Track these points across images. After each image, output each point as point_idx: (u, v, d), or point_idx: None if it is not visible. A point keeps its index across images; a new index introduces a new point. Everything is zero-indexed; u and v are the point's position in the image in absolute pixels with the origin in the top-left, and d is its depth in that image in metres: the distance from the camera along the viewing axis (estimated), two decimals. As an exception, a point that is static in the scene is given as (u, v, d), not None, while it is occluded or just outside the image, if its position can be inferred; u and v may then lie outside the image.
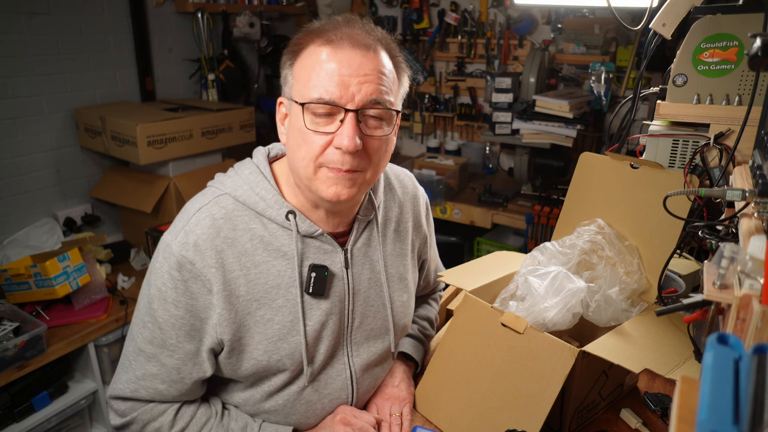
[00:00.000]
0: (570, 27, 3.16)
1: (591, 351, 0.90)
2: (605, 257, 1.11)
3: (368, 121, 0.88)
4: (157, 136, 2.33)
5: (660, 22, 1.12)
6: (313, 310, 0.97)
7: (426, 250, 1.24)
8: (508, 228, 3.16)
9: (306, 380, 0.99)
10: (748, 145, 0.97)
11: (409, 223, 1.15)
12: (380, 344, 1.08)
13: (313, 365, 0.99)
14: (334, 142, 0.86)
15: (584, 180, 1.23)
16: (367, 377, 1.08)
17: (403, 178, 1.19)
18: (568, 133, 2.79)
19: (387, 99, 0.88)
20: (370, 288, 1.04)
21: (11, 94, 2.30)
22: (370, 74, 0.86)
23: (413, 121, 3.70)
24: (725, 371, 0.37)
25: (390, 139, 0.94)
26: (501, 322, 1.00)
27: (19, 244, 2.31)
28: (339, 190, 0.89)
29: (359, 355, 1.05)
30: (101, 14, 2.59)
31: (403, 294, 1.11)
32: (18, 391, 1.92)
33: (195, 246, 0.89)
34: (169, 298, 0.90)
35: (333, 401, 1.04)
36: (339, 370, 1.03)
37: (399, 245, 1.12)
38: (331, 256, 0.99)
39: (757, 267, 0.55)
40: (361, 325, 1.04)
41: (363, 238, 1.04)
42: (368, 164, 0.90)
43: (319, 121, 0.87)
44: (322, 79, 0.85)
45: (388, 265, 1.07)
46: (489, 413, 1.01)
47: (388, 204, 1.11)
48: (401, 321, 1.11)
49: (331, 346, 1.00)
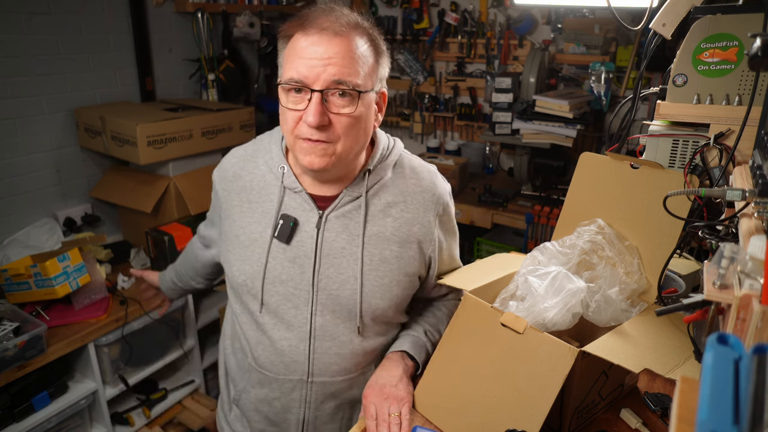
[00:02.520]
0: (570, 27, 3.16)
1: (591, 351, 0.90)
2: (605, 257, 1.11)
3: (334, 100, 0.99)
4: (157, 136, 2.33)
5: (660, 22, 1.12)
6: (278, 253, 1.11)
7: (434, 249, 1.18)
8: (508, 228, 3.16)
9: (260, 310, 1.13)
10: (748, 145, 0.97)
11: (410, 215, 1.14)
12: (347, 314, 1.12)
13: (270, 301, 1.12)
14: (303, 118, 0.99)
15: (584, 180, 1.23)
16: (329, 340, 1.13)
17: (420, 172, 1.19)
18: (568, 133, 2.79)
19: (351, 80, 0.97)
20: (342, 257, 1.10)
21: (11, 94, 2.30)
22: (334, 57, 0.96)
23: (413, 121, 3.70)
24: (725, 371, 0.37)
25: (361, 116, 1.02)
26: (501, 322, 1.00)
27: (19, 244, 2.31)
28: (312, 159, 1.01)
29: (323, 316, 1.12)
30: (101, 14, 2.59)
31: (383, 277, 1.12)
32: (18, 391, 1.92)
33: (220, 170, 1.22)
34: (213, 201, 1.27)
35: (292, 348, 1.13)
36: (300, 321, 1.12)
37: (391, 231, 1.12)
38: (308, 214, 1.11)
39: (757, 267, 0.55)
40: (326, 288, 1.11)
41: (346, 209, 1.11)
42: (337, 138, 1.01)
43: (292, 99, 1.00)
44: (294, 63, 0.98)
45: (369, 244, 1.11)
46: (489, 413, 1.01)
47: (390, 188, 1.14)
48: (374, 302, 1.12)
49: (290, 293, 1.11)
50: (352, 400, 1.20)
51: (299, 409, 1.18)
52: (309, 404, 1.17)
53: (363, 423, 1.10)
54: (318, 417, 1.19)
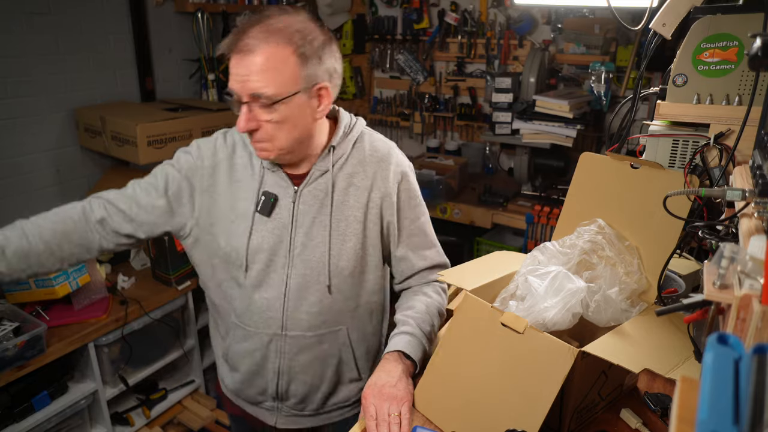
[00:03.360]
0: (570, 27, 3.16)
1: (590, 351, 0.90)
2: (605, 257, 1.11)
3: (257, 109, 1.12)
4: (157, 136, 2.33)
5: (660, 22, 1.12)
6: (259, 225, 1.24)
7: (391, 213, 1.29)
8: (508, 228, 3.16)
9: (244, 277, 1.25)
10: (748, 145, 0.97)
11: (368, 182, 1.27)
12: (316, 276, 1.25)
13: (252, 267, 1.25)
14: None
15: (584, 180, 1.23)
16: (300, 300, 1.26)
17: (376, 143, 1.31)
18: (568, 133, 2.79)
19: (263, 92, 1.09)
20: (313, 226, 1.24)
21: (11, 94, 2.31)
22: (248, 74, 1.09)
23: (413, 121, 3.70)
24: (725, 371, 0.37)
25: (287, 118, 1.13)
26: (501, 321, 1.00)
27: (19, 244, 2.31)
28: (261, 154, 1.18)
29: (296, 278, 1.25)
30: (101, 14, 2.59)
31: (347, 241, 1.25)
32: (18, 391, 1.92)
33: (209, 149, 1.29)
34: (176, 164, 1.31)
35: (269, 303, 1.26)
36: (277, 283, 1.25)
37: (353, 199, 1.26)
38: (285, 190, 1.24)
39: (757, 267, 0.55)
40: (300, 254, 1.24)
41: (317, 184, 1.24)
42: (269, 138, 1.14)
43: (235, 106, 1.14)
44: (229, 78, 1.13)
45: (336, 212, 1.25)
46: (488, 412, 1.01)
47: (351, 160, 1.27)
48: (341, 263, 1.25)
49: (269, 258, 1.24)
50: (324, 354, 1.31)
51: (275, 359, 1.30)
52: (284, 355, 1.29)
53: (363, 423, 1.11)
54: (292, 367, 1.30)
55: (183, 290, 2.39)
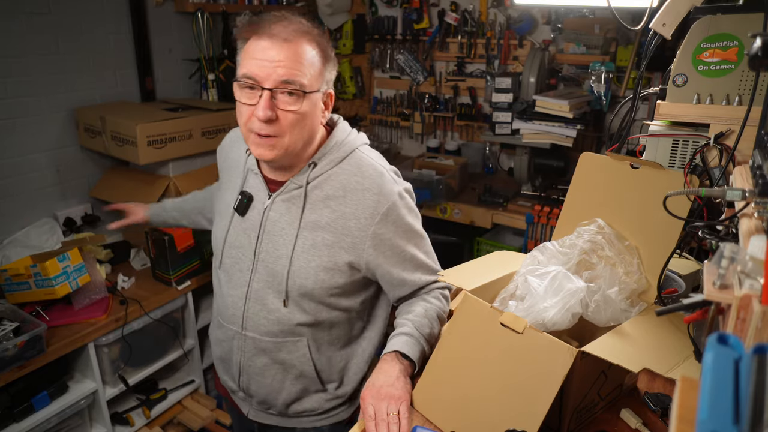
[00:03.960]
0: (570, 27, 3.16)
1: (590, 351, 0.90)
2: (605, 257, 1.11)
3: (282, 98, 1.10)
4: (157, 136, 2.33)
5: (660, 22, 1.12)
6: (237, 223, 1.30)
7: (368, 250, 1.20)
8: (508, 228, 3.16)
9: (219, 268, 1.34)
10: (748, 145, 0.97)
11: (347, 209, 1.19)
12: (275, 285, 1.25)
13: (225, 261, 1.32)
14: (254, 112, 1.10)
15: (584, 180, 1.23)
16: (259, 303, 1.27)
17: (366, 170, 1.21)
18: (568, 133, 2.79)
19: (298, 80, 1.09)
20: (279, 236, 1.24)
21: (11, 94, 2.30)
22: (284, 60, 1.08)
23: (413, 121, 3.70)
24: (725, 371, 0.37)
25: (306, 114, 1.13)
26: (500, 321, 1.00)
27: (19, 244, 2.31)
28: (262, 152, 1.14)
29: (258, 282, 1.27)
30: (101, 14, 2.59)
31: (310, 261, 1.21)
32: (18, 391, 1.92)
33: (220, 148, 1.47)
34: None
35: (234, 303, 1.30)
36: (241, 282, 1.29)
37: (326, 220, 1.21)
38: (261, 194, 1.27)
39: (757, 267, 0.55)
40: (264, 260, 1.25)
41: (290, 195, 1.23)
42: (284, 132, 1.12)
43: (245, 95, 1.12)
44: (248, 63, 1.11)
45: (305, 229, 1.22)
46: (488, 412, 1.01)
47: (331, 180, 1.22)
48: (299, 281, 1.22)
49: (239, 257, 1.29)
50: (282, 362, 1.30)
51: (237, 355, 1.33)
52: (244, 353, 1.32)
53: (362, 424, 1.10)
54: (251, 367, 1.32)
55: (183, 290, 2.39)
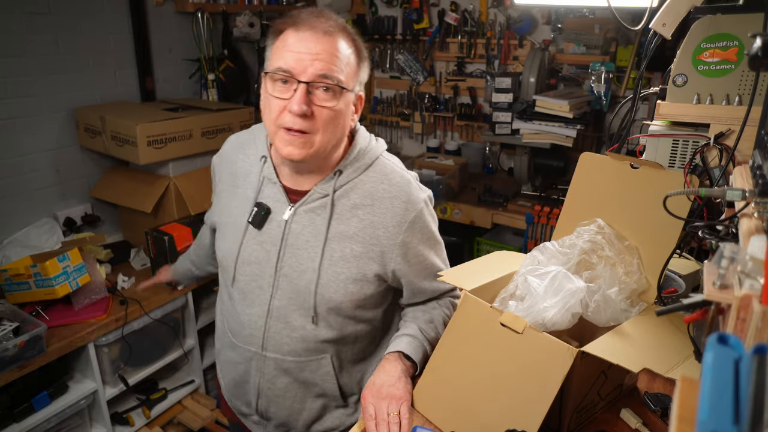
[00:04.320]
0: (570, 27, 3.16)
1: (590, 351, 0.90)
2: (605, 257, 1.11)
3: (318, 93, 1.05)
4: (157, 136, 2.33)
5: (660, 22, 1.12)
6: (251, 237, 1.20)
7: (397, 259, 1.17)
8: (508, 228, 3.16)
9: (232, 287, 1.24)
10: (748, 145, 0.97)
11: (376, 218, 1.14)
12: (301, 302, 1.17)
13: (239, 279, 1.22)
14: (288, 107, 1.04)
15: (584, 180, 1.23)
16: (282, 322, 1.19)
17: (393, 178, 1.18)
18: (568, 133, 2.79)
19: (336, 76, 1.04)
20: (304, 249, 1.16)
21: (11, 94, 2.30)
22: (322, 53, 1.03)
23: (413, 121, 3.70)
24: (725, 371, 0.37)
25: (340, 112, 1.08)
26: (500, 321, 1.00)
27: (19, 244, 2.31)
28: (292, 150, 1.06)
29: (281, 299, 1.19)
30: (101, 14, 2.59)
31: (339, 273, 1.15)
32: (18, 391, 1.92)
33: (218, 156, 1.33)
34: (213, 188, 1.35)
35: (252, 322, 1.22)
36: (261, 301, 1.20)
37: (355, 229, 1.14)
38: (280, 205, 1.18)
39: (757, 267, 0.55)
40: (287, 275, 1.17)
41: (315, 205, 1.16)
42: (316, 129, 1.06)
43: (277, 88, 1.05)
44: (284, 55, 1.04)
45: (332, 240, 1.15)
46: (487, 412, 1.01)
47: (358, 188, 1.16)
48: (328, 295, 1.15)
49: (256, 274, 1.20)
50: (304, 381, 1.24)
51: (255, 377, 1.26)
52: (263, 375, 1.24)
53: (363, 424, 1.10)
54: (270, 389, 1.25)
55: (183, 290, 2.39)
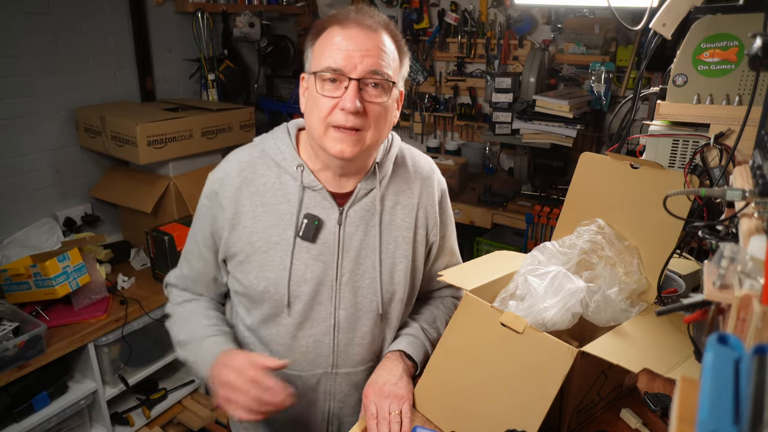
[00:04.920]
0: (570, 27, 3.16)
1: (590, 351, 0.90)
2: (605, 257, 1.11)
3: (369, 89, 1.04)
4: (157, 136, 2.33)
5: (660, 22, 1.12)
6: (302, 252, 1.11)
7: (435, 233, 1.24)
8: (508, 228, 3.16)
9: (288, 314, 1.13)
10: (748, 145, 0.97)
11: (414, 200, 1.20)
12: (368, 304, 1.16)
13: (296, 302, 1.13)
14: (339, 105, 1.02)
15: (584, 180, 1.23)
16: (351, 331, 1.16)
17: (418, 160, 1.26)
18: (568, 133, 2.79)
19: (385, 71, 1.04)
20: (362, 249, 1.14)
21: (11, 94, 2.30)
22: (371, 49, 1.02)
23: (413, 121, 3.70)
24: (725, 371, 0.37)
25: (389, 108, 1.08)
26: (500, 321, 1.00)
27: (19, 244, 2.31)
28: (344, 148, 1.04)
29: (345, 309, 1.15)
30: (101, 14, 2.59)
31: (397, 264, 1.18)
32: (18, 391, 1.92)
33: (221, 180, 1.14)
34: (201, 217, 1.18)
35: (316, 343, 1.15)
36: (324, 316, 1.14)
37: (401, 218, 1.18)
38: (329, 211, 1.12)
39: (757, 267, 0.55)
40: (350, 281, 1.14)
41: (363, 203, 1.14)
42: (369, 125, 1.05)
43: (327, 87, 1.03)
44: (332, 53, 1.02)
45: (384, 233, 1.16)
46: (488, 412, 1.01)
47: (396, 178, 1.19)
48: (391, 287, 1.17)
49: (314, 290, 1.12)
50: None
51: (324, 402, 1.20)
52: (334, 396, 1.20)
53: (363, 423, 1.10)
54: (342, 408, 1.21)
55: (183, 290, 2.39)
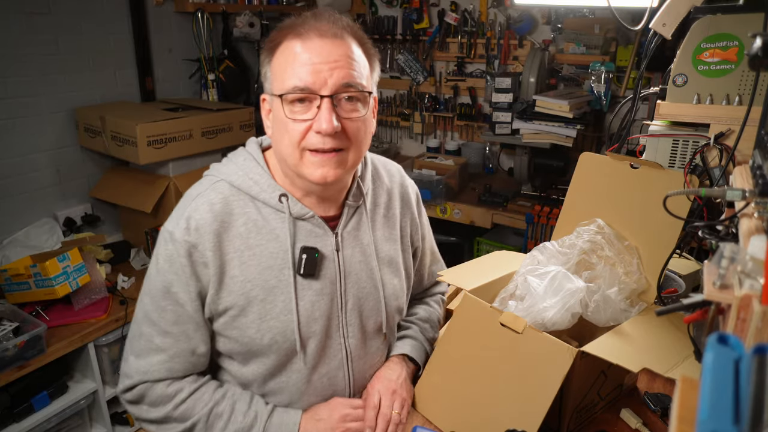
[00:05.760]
0: (570, 27, 3.16)
1: (589, 351, 0.90)
2: (605, 257, 1.11)
3: (343, 105, 0.94)
4: (157, 136, 2.33)
5: (660, 22, 1.12)
6: (305, 291, 1.01)
7: (418, 238, 1.25)
8: (508, 228, 3.16)
9: (301, 360, 1.03)
10: (748, 145, 0.97)
11: (397, 210, 1.17)
12: (373, 324, 1.12)
13: (308, 345, 1.03)
14: (314, 127, 0.92)
15: (584, 180, 1.23)
16: (363, 357, 1.12)
17: (390, 168, 1.22)
18: (568, 133, 2.78)
19: (358, 82, 0.94)
20: (361, 270, 1.08)
21: (11, 94, 2.30)
22: (339, 60, 0.92)
23: (413, 121, 3.70)
24: (725, 371, 0.37)
25: (368, 120, 0.99)
26: (500, 321, 1.00)
27: (19, 244, 2.31)
28: (325, 172, 0.94)
29: (354, 336, 1.09)
30: (101, 14, 2.59)
31: (394, 277, 1.14)
32: (18, 391, 1.91)
33: (196, 230, 0.96)
34: (177, 280, 0.97)
35: (331, 380, 1.08)
36: (335, 350, 1.07)
37: (388, 230, 1.15)
38: (323, 239, 1.04)
39: (757, 267, 0.55)
40: (354, 306, 1.08)
41: (353, 222, 1.08)
42: (349, 144, 0.95)
43: (297, 110, 0.92)
44: (296, 70, 0.91)
45: (379, 249, 1.11)
46: (488, 413, 1.01)
47: (376, 190, 1.15)
48: (393, 302, 1.14)
49: (324, 326, 1.04)
50: None
51: None
52: None
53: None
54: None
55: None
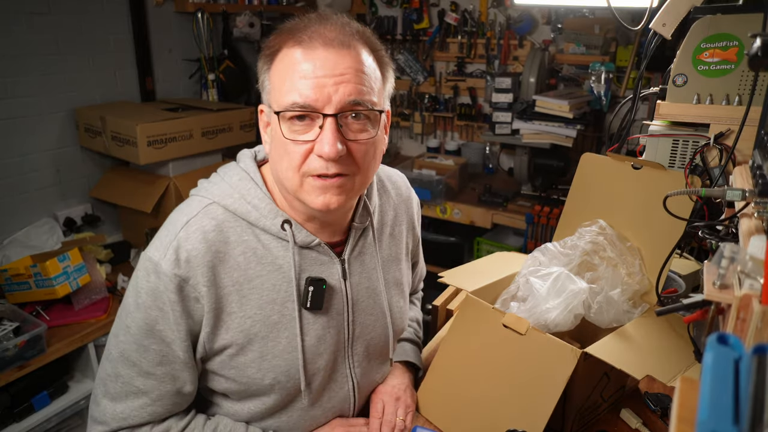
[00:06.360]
0: (570, 27, 3.16)
1: (593, 353, 0.90)
2: (607, 258, 1.11)
3: (350, 125, 0.82)
4: (157, 136, 2.33)
5: (660, 22, 1.12)
6: (311, 325, 0.93)
7: (418, 252, 1.24)
8: (508, 228, 3.16)
9: (306, 399, 0.95)
10: (748, 144, 0.97)
11: (403, 226, 1.12)
12: (380, 351, 1.07)
13: (313, 382, 0.96)
14: (315, 150, 0.81)
15: (585, 181, 1.23)
16: (368, 385, 1.09)
17: (396, 180, 1.15)
18: (568, 133, 2.79)
19: (368, 99, 0.82)
20: (368, 297, 1.01)
21: (11, 94, 2.30)
22: (346, 73, 0.79)
23: (413, 121, 3.70)
24: (725, 371, 0.37)
25: (378, 141, 0.88)
26: (502, 323, 0.99)
27: (19, 244, 2.31)
28: (328, 199, 0.83)
29: (360, 365, 1.03)
30: (101, 14, 2.59)
31: (399, 299, 1.10)
32: (18, 391, 1.91)
33: (187, 263, 0.84)
34: (164, 317, 0.86)
35: (336, 413, 1.05)
36: (341, 383, 1.01)
37: (394, 249, 1.09)
38: (328, 267, 0.94)
39: (757, 267, 0.55)
40: (361, 335, 1.01)
41: (359, 246, 1.00)
42: (356, 169, 0.84)
43: (297, 129, 0.81)
44: (295, 84, 0.79)
45: (385, 272, 1.04)
46: (491, 414, 1.00)
47: (383, 206, 1.07)
48: (399, 326, 1.10)
49: (330, 360, 0.97)
50: None
51: None
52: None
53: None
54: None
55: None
